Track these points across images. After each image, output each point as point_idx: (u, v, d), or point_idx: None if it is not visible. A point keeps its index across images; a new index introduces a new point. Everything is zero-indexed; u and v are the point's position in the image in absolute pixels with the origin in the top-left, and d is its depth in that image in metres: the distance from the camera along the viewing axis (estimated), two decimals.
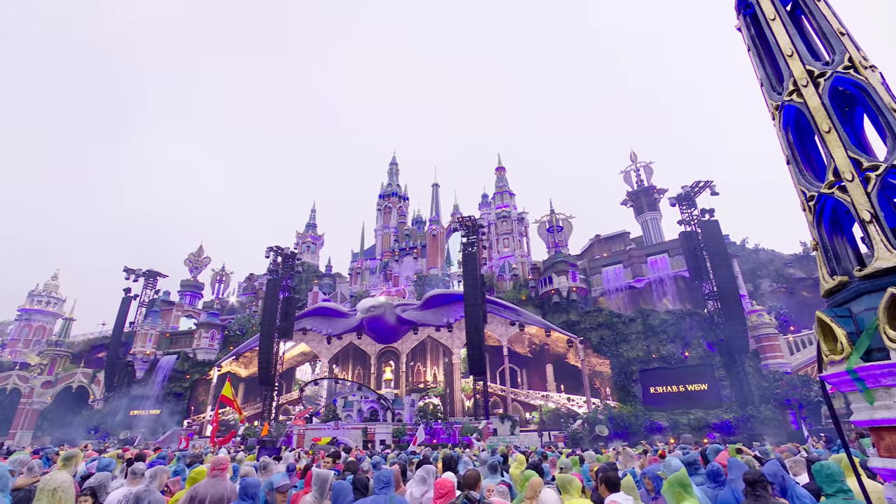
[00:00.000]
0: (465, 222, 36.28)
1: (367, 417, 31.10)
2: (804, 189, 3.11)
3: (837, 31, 3.13)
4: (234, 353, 41.20)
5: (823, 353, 2.80)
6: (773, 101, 3.39)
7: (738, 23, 3.84)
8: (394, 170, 62.43)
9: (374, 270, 53.12)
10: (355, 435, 27.80)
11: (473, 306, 31.97)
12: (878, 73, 2.97)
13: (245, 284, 57.27)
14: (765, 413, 26.37)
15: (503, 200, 49.58)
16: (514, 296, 39.24)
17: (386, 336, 38.89)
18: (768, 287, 39.00)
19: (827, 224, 3.01)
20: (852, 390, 2.64)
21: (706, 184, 33.78)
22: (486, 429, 28.09)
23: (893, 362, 2.35)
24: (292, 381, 50.33)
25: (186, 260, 55.56)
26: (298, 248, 56.74)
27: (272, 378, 36.14)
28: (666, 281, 36.22)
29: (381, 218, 57.97)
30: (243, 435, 31.01)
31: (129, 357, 42.52)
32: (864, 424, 2.62)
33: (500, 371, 37.92)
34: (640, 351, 31.99)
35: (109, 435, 36.61)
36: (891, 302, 2.39)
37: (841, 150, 2.84)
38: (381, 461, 9.13)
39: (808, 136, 3.28)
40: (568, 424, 29.88)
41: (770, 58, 3.50)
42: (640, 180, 43.98)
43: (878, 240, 2.59)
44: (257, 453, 16.24)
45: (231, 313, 50.81)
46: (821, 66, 3.10)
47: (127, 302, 44.76)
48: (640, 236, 42.75)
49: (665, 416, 28.34)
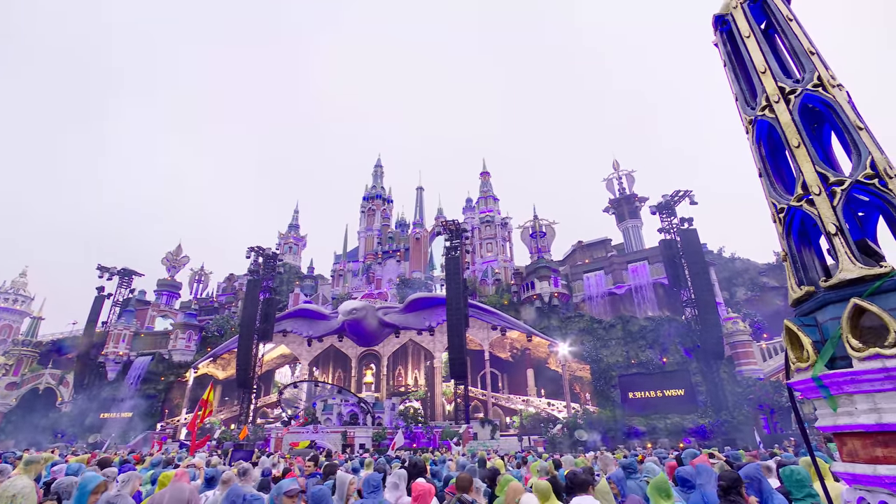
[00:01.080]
0: (448, 226, 36.35)
1: (346, 421, 30.79)
2: (775, 201, 3.21)
3: (808, 50, 3.25)
4: (211, 354, 40.35)
5: (791, 360, 2.89)
6: (747, 115, 3.50)
7: (715, 38, 3.95)
8: (378, 172, 62.23)
9: (357, 273, 52.77)
10: (335, 438, 27.49)
11: (456, 310, 32.00)
12: (844, 91, 3.10)
13: (225, 285, 56.25)
14: (738, 418, 26.97)
15: (487, 205, 49.86)
16: (497, 300, 39.41)
17: (367, 339, 38.62)
18: (743, 295, 39.99)
19: (796, 236, 3.11)
20: (817, 397, 2.72)
21: (685, 193, 34.54)
22: (467, 433, 28.07)
23: (855, 370, 2.43)
24: (271, 384, 49.51)
25: (164, 259, 54.27)
26: (280, 248, 56.04)
27: (251, 380, 35.49)
28: (646, 288, 36.84)
29: (365, 220, 57.67)
30: (219, 438, 30.35)
31: (100, 358, 41.23)
32: (828, 430, 2.71)
33: (481, 375, 37.98)
34: (620, 356, 32.44)
35: (77, 439, 35.40)
36: (854, 312, 2.48)
37: (809, 165, 2.95)
38: (359, 466, 9.04)
39: (779, 151, 3.39)
40: (548, 429, 30.06)
41: (745, 74, 3.61)
42: (622, 188, 44.73)
43: (842, 252, 2.69)
44: (230, 457, 15.92)
45: (209, 314, 49.79)
46: (792, 83, 3.21)
47: (100, 301, 43.45)
48: (621, 243, 43.43)
49: (643, 420, 28.76)
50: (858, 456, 2.54)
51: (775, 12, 3.48)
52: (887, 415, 2.36)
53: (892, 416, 2.34)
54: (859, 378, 2.43)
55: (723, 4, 3.79)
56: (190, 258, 56.03)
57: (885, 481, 2.34)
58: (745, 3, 3.61)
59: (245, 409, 35.26)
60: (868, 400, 2.45)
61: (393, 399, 35.48)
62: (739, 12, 3.62)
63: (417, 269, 51.31)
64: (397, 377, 44.23)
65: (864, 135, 2.90)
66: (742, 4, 3.61)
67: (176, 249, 55.06)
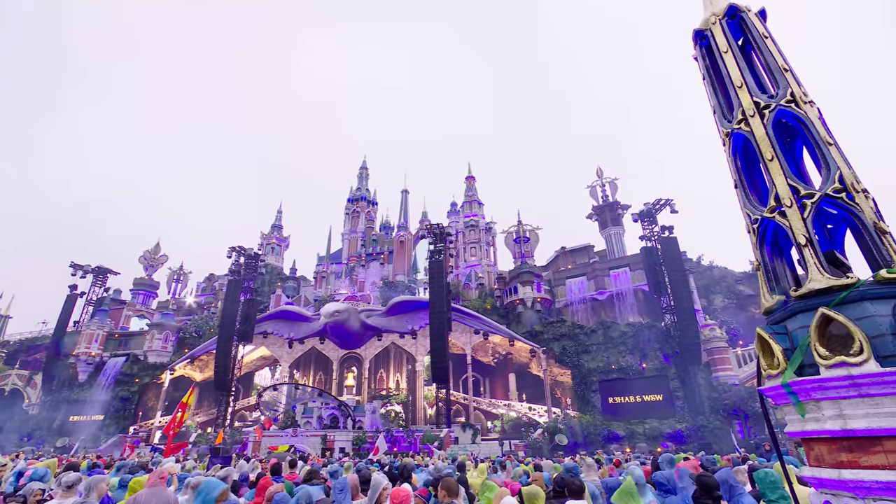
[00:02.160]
0: (433, 230, 36.34)
1: (326, 424, 30.43)
2: (749, 212, 3.31)
3: (782, 67, 3.37)
4: (189, 355, 39.43)
5: (762, 367, 2.97)
6: (724, 128, 3.60)
7: (694, 53, 4.06)
8: (364, 174, 61.96)
9: (340, 275, 52.35)
10: (314, 442, 27.13)
11: (438, 314, 31.96)
12: (815, 108, 3.21)
13: (204, 285, 55.17)
14: (714, 423, 27.51)
15: (472, 209, 50.02)
16: (480, 304, 39.51)
17: (349, 341, 38.29)
18: (720, 303, 40.87)
19: (769, 246, 3.21)
20: (787, 403, 2.80)
21: (666, 202, 35.21)
22: (448, 437, 27.99)
23: (822, 377, 2.51)
24: (250, 386, 48.62)
25: (142, 257, 52.97)
26: (262, 249, 55.25)
27: (229, 382, 34.80)
28: (627, 294, 37.38)
29: (349, 222, 57.31)
30: (195, 442, 29.66)
31: (71, 358, 39.94)
32: (796, 435, 2.79)
33: (463, 379, 37.97)
34: (601, 362, 32.81)
35: (45, 442, 34.17)
36: (821, 321, 2.56)
37: (782, 178, 3.05)
38: (339, 469, 8.93)
39: (754, 163, 3.49)
40: (528, 433, 30.18)
41: (722, 88, 3.72)
42: (605, 195, 45.39)
43: (811, 263, 2.78)
44: (208, 462, 15.57)
45: (188, 314, 48.71)
46: (766, 98, 3.32)
47: (72, 299, 42.16)
48: (603, 250, 44.01)
49: (622, 425, 29.10)
50: (825, 461, 2.62)
51: (752, 30, 3.60)
52: (852, 421, 2.44)
53: (856, 422, 2.43)
54: (826, 385, 2.51)
55: (702, 20, 3.90)
56: (168, 257, 54.85)
57: (848, 485, 2.41)
58: (724, 19, 3.72)
59: (223, 411, 34.54)
60: (834, 406, 2.54)
61: (374, 402, 35.20)
62: (718, 28, 3.73)
63: (401, 272, 51.16)
64: (379, 380, 43.91)
65: (834, 150, 3.01)
66: (720, 21, 3.72)
67: (154, 248, 53.83)
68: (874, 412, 2.38)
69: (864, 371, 2.36)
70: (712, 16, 3.80)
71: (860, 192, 2.90)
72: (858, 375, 2.38)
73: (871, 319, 2.48)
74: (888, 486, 2.25)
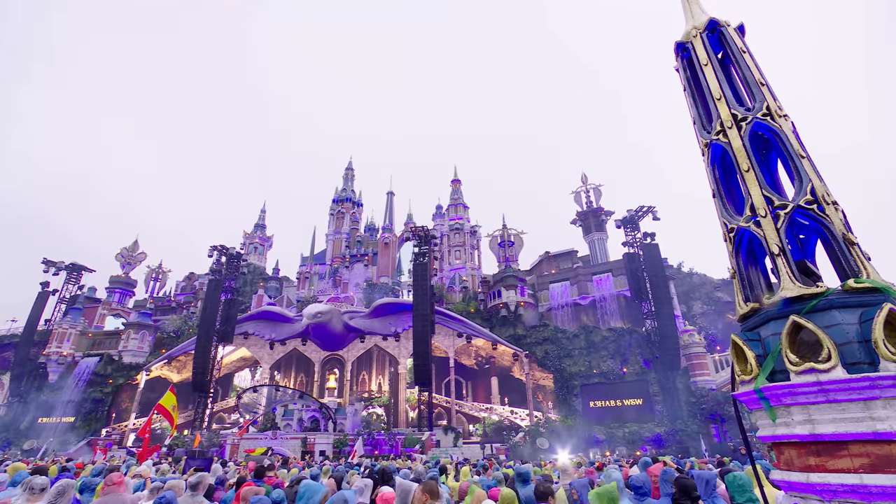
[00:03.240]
0: (417, 232, 36.32)
1: (307, 427, 30.06)
2: (726, 221, 3.39)
3: (758, 81, 3.47)
4: (166, 356, 38.55)
5: (736, 373, 3.04)
6: (703, 138, 3.69)
7: (676, 64, 4.16)
8: (349, 175, 61.60)
9: (324, 276, 51.83)
10: (294, 445, 26.74)
11: (422, 316, 31.91)
12: (790, 121, 3.32)
13: (184, 284, 54.00)
14: (692, 427, 28.02)
15: (457, 212, 50.14)
16: (463, 308, 39.57)
17: (332, 343, 37.93)
18: (699, 309, 41.71)
19: (744, 254, 3.29)
20: (759, 408, 2.88)
21: (649, 209, 35.84)
22: (430, 440, 27.92)
23: (792, 383, 2.59)
24: (229, 388, 47.74)
25: (119, 254, 51.57)
26: (245, 248, 54.41)
27: (207, 384, 34.11)
28: (609, 299, 37.87)
29: (334, 223, 56.85)
30: (170, 445, 28.96)
31: (41, 358, 38.67)
32: (768, 440, 2.86)
33: (445, 382, 37.93)
34: (583, 366, 33.15)
35: (11, 445, 32.98)
36: (792, 328, 2.64)
37: (757, 189, 3.14)
38: (318, 472, 8.82)
39: (731, 174, 3.59)
40: (510, 437, 30.30)
41: (702, 99, 3.82)
42: (589, 201, 45.96)
43: (784, 271, 2.86)
44: (184, 465, 15.21)
45: (166, 314, 47.64)
46: (743, 110, 3.42)
47: (44, 297, 40.84)
48: (587, 255, 44.53)
49: (602, 429, 29.43)
50: (794, 464, 2.70)
51: (731, 44, 3.70)
52: (820, 426, 2.52)
53: (824, 426, 2.50)
54: (796, 391, 2.59)
55: (684, 33, 4.00)
56: (147, 255, 53.59)
57: (816, 488, 2.49)
58: (704, 33, 3.82)
59: (200, 413, 33.82)
60: (803, 411, 2.61)
61: (356, 405, 34.92)
62: (699, 41, 3.83)
63: (385, 274, 50.94)
64: (361, 383, 43.58)
65: (806, 163, 3.11)
66: (701, 34, 3.82)
67: (132, 245, 52.51)
68: (841, 417, 2.46)
69: (832, 377, 2.44)
70: (693, 29, 3.90)
71: (830, 203, 3.00)
72: (826, 381, 2.46)
73: (839, 327, 2.57)
74: (853, 489, 2.33)
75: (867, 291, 2.65)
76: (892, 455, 2.28)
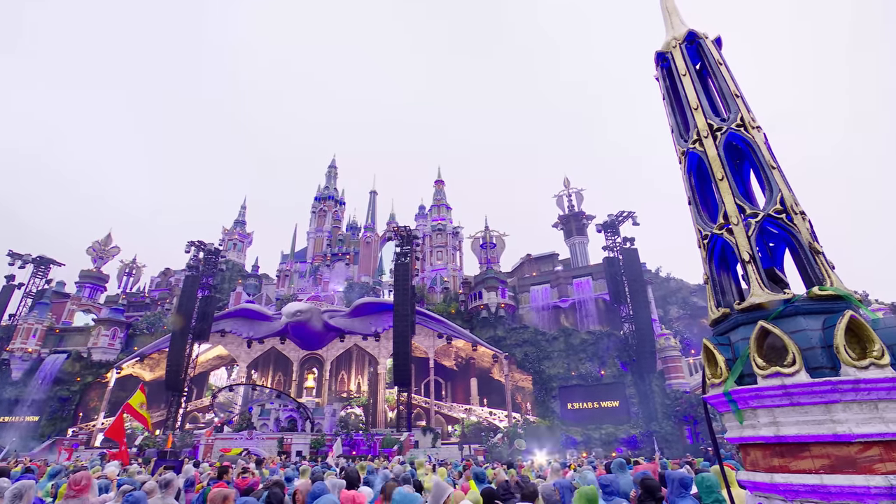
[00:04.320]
0: (400, 232, 36.23)
1: (284, 427, 29.64)
2: (700, 228, 3.48)
3: (734, 93, 3.57)
4: (138, 353, 37.48)
5: (707, 376, 3.12)
6: (681, 146, 3.78)
7: (656, 73, 4.25)
8: (332, 173, 61.06)
9: (304, 274, 51.22)
10: (270, 445, 26.34)
11: (403, 317, 31.82)
12: (762, 133, 3.42)
13: (159, 279, 52.67)
14: (666, 428, 28.62)
15: (440, 213, 50.15)
16: (444, 308, 39.59)
17: (311, 342, 37.49)
18: (676, 313, 42.63)
19: (717, 261, 3.38)
20: (727, 410, 2.96)
21: (629, 214, 36.47)
22: (408, 441, 27.83)
23: (759, 387, 2.67)
24: (204, 387, 46.67)
25: (90, 248, 49.95)
26: (224, 244, 53.33)
27: (181, 382, 33.31)
28: (588, 302, 38.38)
29: (316, 221, 56.25)
30: (140, 445, 28.18)
31: (4, 354, 37.16)
32: (735, 441, 2.94)
33: (425, 383, 37.88)
34: (561, 368, 33.52)
35: None
36: (760, 333, 2.72)
37: (730, 197, 3.23)
38: (295, 475, 8.70)
39: (706, 182, 3.68)
40: (488, 438, 30.42)
41: (680, 108, 3.91)
42: (570, 205, 46.53)
43: (754, 278, 2.95)
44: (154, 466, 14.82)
45: (139, 310, 46.33)
46: (719, 121, 3.51)
47: (9, 291, 39.34)
48: (568, 258, 45.06)
49: (580, 430, 29.81)
50: (759, 465, 2.78)
51: (708, 56, 3.80)
52: (784, 428, 2.61)
53: (787, 428, 2.59)
54: (762, 394, 2.67)
55: (664, 42, 4.08)
56: (120, 249, 52.04)
57: (779, 489, 2.57)
58: (683, 44, 3.91)
59: (173, 413, 32.99)
60: (769, 414, 2.70)
61: (334, 405, 34.58)
62: (678, 52, 3.92)
63: (366, 273, 50.64)
64: (340, 382, 43.19)
65: (776, 174, 3.22)
66: (680, 45, 3.91)
67: (105, 238, 50.91)
68: (803, 420, 2.54)
69: (796, 381, 2.53)
70: (673, 39, 3.99)
71: (798, 213, 3.11)
72: (791, 385, 2.54)
73: (803, 333, 2.67)
74: (814, 489, 2.41)
75: (830, 299, 2.76)
76: (850, 456, 2.37)
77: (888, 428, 2.35)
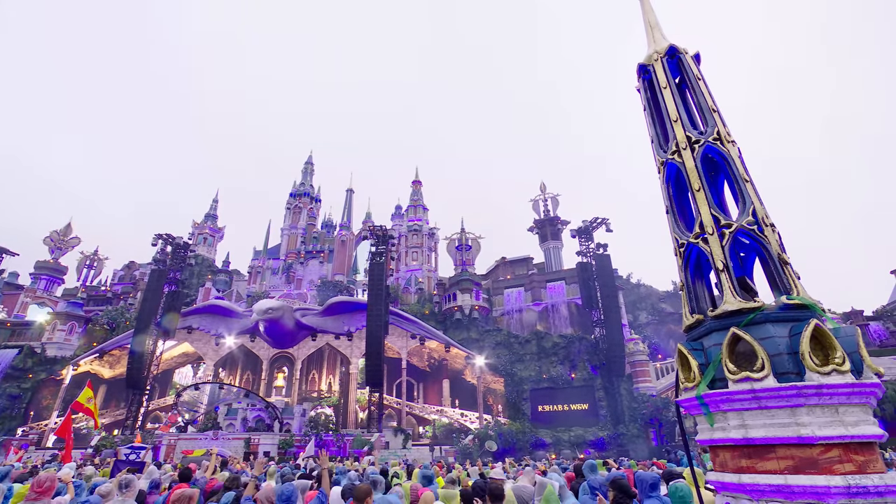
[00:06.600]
0: (376, 231, 35.94)
1: (252, 427, 28.90)
2: (677, 237, 3.60)
3: (711, 107, 3.71)
4: (97, 349, 35.85)
5: (680, 380, 3.23)
6: (660, 157, 3.90)
7: (638, 85, 4.37)
8: (308, 169, 60.10)
9: (277, 271, 50.22)
10: (236, 446, 25.63)
11: (376, 316, 31.55)
12: (736, 147, 3.57)
13: (122, 273, 50.59)
14: (632, 430, 29.34)
15: (416, 214, 50.07)
16: (418, 309, 39.50)
17: (282, 341, 36.73)
18: (645, 318, 43.89)
19: (692, 269, 3.50)
20: (699, 413, 3.07)
21: (603, 220, 37.24)
22: (379, 441, 27.60)
23: (730, 391, 2.78)
24: (168, 385, 45.01)
25: (48, 238, 47.56)
26: (193, 238, 51.75)
27: (143, 380, 32.06)
28: (561, 306, 39.02)
29: (290, 217, 55.22)
30: (97, 446, 26.95)
31: None
32: (705, 443, 3.05)
33: (397, 384, 37.66)
34: (533, 371, 33.92)
35: None
36: (732, 339, 2.84)
37: (707, 208, 3.35)
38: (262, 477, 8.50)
39: (684, 192, 3.81)
40: (459, 439, 30.49)
41: (660, 120, 4.03)
42: (546, 210, 47.21)
43: (727, 286, 3.07)
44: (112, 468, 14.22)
45: (100, 304, 44.37)
46: (697, 134, 3.64)
47: None
48: (542, 262, 45.69)
49: (549, 433, 30.22)
50: (728, 466, 2.89)
51: (687, 71, 3.94)
52: (752, 430, 2.72)
53: (756, 431, 2.70)
54: (733, 398, 2.78)
55: (646, 56, 4.21)
56: (81, 240, 49.74)
57: (746, 489, 2.68)
58: (665, 58, 4.04)
59: (134, 412, 31.68)
60: (738, 417, 2.81)
61: (304, 405, 33.95)
62: (659, 65, 4.04)
63: (340, 272, 50.00)
64: (311, 382, 42.43)
65: (749, 187, 3.36)
66: (661, 59, 4.04)
67: (64, 228, 48.60)
68: (770, 422, 2.66)
69: (764, 385, 2.65)
70: (655, 53, 4.12)
71: (769, 225, 3.26)
72: (759, 389, 2.66)
73: (772, 339, 2.79)
74: (779, 488, 2.53)
75: (797, 307, 2.90)
76: (812, 457, 2.50)
77: (847, 431, 2.48)
